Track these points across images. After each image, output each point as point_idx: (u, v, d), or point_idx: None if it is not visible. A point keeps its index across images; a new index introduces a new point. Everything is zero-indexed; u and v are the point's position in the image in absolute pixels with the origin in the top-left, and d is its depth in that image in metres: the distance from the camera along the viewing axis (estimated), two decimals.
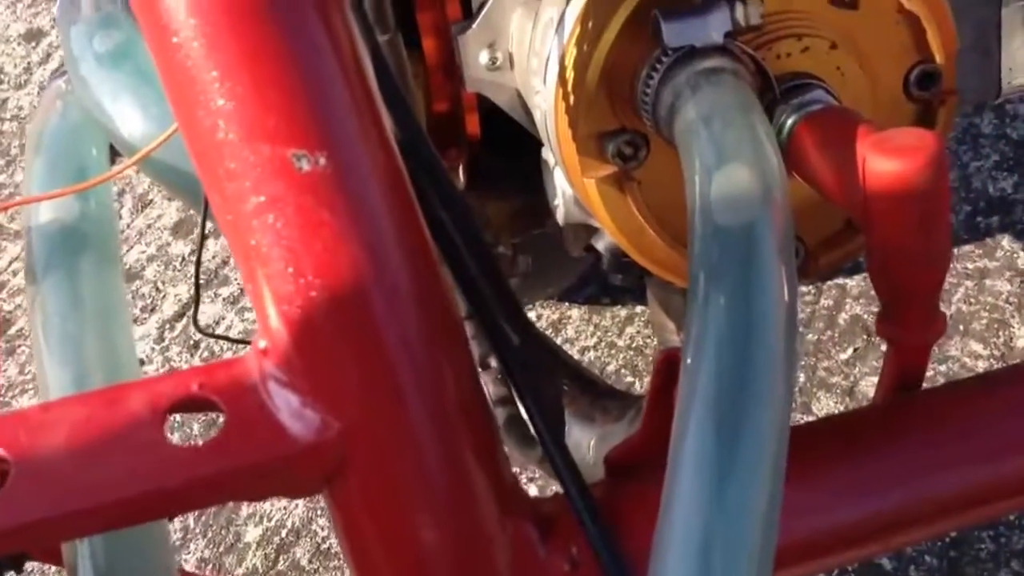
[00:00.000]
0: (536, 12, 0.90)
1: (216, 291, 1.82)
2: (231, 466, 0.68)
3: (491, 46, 0.94)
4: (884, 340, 0.84)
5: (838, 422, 0.94)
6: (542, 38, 0.88)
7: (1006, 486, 0.84)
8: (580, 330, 1.69)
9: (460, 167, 1.08)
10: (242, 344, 1.53)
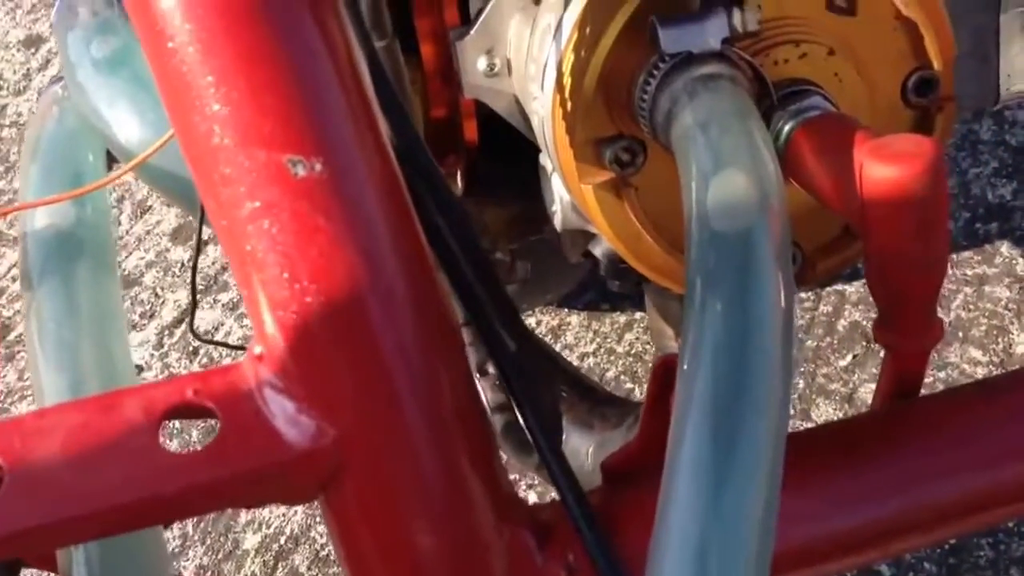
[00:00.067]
0: (534, 18, 0.90)
1: (215, 297, 1.82)
2: (226, 473, 0.68)
3: (489, 52, 0.94)
4: (882, 346, 0.84)
5: (836, 429, 0.93)
6: (540, 44, 0.88)
7: (1005, 493, 0.83)
8: (579, 336, 1.69)
9: (458, 173, 1.08)
10: (240, 350, 1.54)
